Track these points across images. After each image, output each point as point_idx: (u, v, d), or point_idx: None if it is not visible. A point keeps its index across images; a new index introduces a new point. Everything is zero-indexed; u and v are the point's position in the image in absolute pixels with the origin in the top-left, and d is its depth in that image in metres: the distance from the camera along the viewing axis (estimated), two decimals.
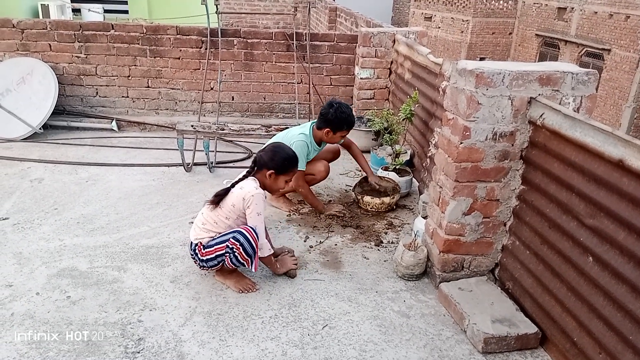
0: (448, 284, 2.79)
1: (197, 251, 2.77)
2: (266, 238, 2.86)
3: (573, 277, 2.26)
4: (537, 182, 2.52)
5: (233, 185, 2.80)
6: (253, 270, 2.75)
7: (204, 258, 2.76)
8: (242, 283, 2.84)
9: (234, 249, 2.67)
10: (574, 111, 2.51)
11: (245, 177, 2.85)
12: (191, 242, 2.82)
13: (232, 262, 2.71)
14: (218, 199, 2.76)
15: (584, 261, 2.19)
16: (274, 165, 2.83)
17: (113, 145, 5.05)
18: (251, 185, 2.76)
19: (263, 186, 2.85)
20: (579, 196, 2.23)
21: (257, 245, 2.70)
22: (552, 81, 2.54)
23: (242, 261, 2.71)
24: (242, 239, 2.66)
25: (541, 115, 2.47)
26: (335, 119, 3.53)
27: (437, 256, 2.89)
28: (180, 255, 3.13)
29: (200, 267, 2.84)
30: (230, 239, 2.67)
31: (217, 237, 2.74)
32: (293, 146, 3.38)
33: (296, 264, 3.01)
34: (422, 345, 2.48)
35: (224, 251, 2.69)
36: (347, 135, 3.72)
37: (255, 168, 2.87)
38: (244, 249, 2.67)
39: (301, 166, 3.50)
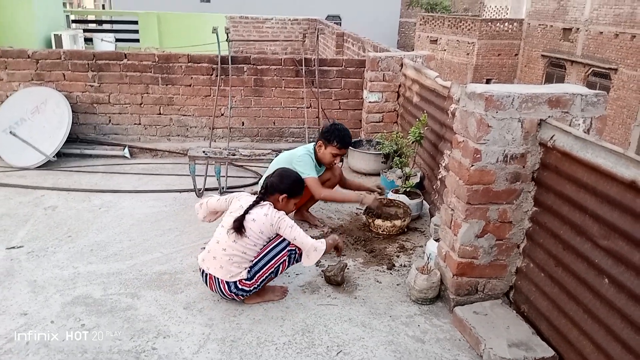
0: (462, 308, 2.77)
1: (240, 287, 2.80)
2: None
3: (589, 299, 2.24)
4: (550, 203, 2.52)
5: (247, 212, 2.82)
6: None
7: (255, 285, 2.82)
8: (278, 291, 3.02)
9: (296, 250, 2.87)
10: (585, 132, 2.53)
11: (256, 202, 2.89)
12: (225, 282, 2.79)
13: (289, 264, 2.90)
14: (239, 224, 2.78)
15: (599, 283, 2.17)
16: (285, 188, 2.95)
17: (125, 172, 5.11)
18: (272, 210, 2.86)
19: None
20: (592, 217, 2.22)
21: None
22: (562, 103, 2.55)
23: (297, 259, 2.91)
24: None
25: (552, 137, 2.48)
26: (327, 131, 3.68)
27: (450, 279, 2.87)
28: (192, 281, 3.13)
29: (239, 298, 2.88)
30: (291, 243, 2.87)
31: (260, 260, 2.82)
32: (299, 160, 3.58)
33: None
34: None
35: (282, 260, 2.85)
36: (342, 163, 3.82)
37: (266, 193, 2.94)
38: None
39: (313, 173, 3.63)
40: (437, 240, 3.16)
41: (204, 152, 4.37)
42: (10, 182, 4.68)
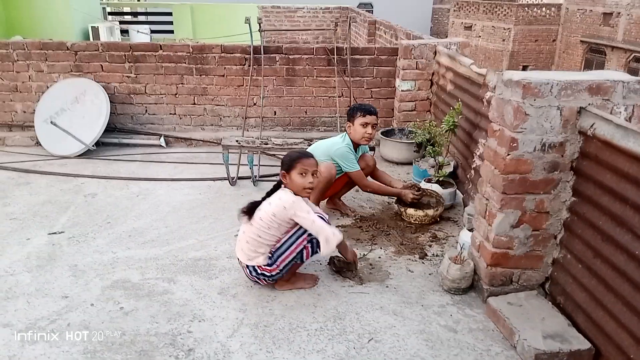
0: (496, 298, 2.74)
1: (260, 272, 2.85)
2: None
3: (628, 291, 2.18)
4: (589, 193, 2.46)
5: (264, 198, 2.88)
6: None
7: (277, 270, 2.84)
8: (309, 278, 3.03)
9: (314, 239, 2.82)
10: (626, 120, 2.45)
11: (274, 189, 2.93)
12: (247, 265, 2.87)
13: (311, 251, 2.85)
14: (251, 210, 2.83)
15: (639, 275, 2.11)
16: (281, 167, 2.91)
17: (161, 160, 5.22)
18: (288, 193, 2.83)
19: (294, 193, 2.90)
20: (633, 208, 2.16)
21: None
22: (602, 90, 2.48)
23: (319, 244, 2.82)
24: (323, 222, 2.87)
25: (592, 125, 2.41)
26: (348, 113, 3.84)
27: (484, 270, 2.84)
28: (227, 267, 3.19)
29: (262, 282, 2.92)
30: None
31: (282, 245, 2.82)
32: (341, 156, 3.71)
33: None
34: None
35: (302, 246, 2.81)
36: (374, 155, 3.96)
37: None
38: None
39: (357, 167, 3.77)
40: (470, 230, 3.12)
41: (237, 141, 4.42)
42: (52, 170, 4.84)
